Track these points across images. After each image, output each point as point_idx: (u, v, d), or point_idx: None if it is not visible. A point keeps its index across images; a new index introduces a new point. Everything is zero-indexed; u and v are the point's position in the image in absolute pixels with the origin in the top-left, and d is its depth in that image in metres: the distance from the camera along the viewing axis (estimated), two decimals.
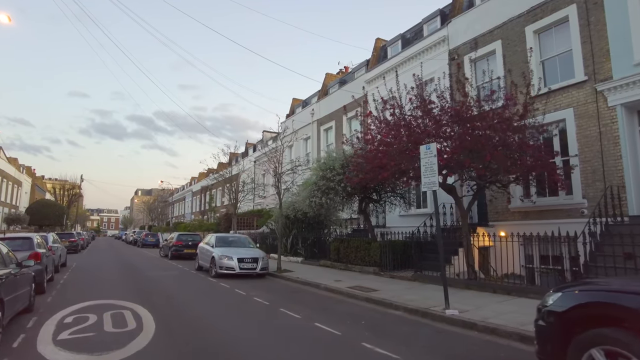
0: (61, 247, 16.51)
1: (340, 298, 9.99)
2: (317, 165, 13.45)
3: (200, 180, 56.19)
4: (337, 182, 12.38)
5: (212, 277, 13.53)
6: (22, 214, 40.33)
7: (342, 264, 14.97)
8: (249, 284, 12.10)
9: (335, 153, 13.86)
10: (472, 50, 15.57)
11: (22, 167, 53.63)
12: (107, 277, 13.54)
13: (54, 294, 9.86)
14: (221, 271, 13.41)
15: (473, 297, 9.29)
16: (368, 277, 12.67)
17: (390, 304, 8.86)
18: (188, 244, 22.42)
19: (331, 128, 23.90)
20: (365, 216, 14.11)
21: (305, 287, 11.75)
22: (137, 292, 10.26)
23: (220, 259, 13.50)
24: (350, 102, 22.26)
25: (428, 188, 8.61)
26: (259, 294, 10.24)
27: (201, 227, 36.91)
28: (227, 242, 15.26)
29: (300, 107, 29.69)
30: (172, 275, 14.37)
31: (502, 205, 13.74)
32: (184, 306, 8.53)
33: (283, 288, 11.60)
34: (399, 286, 10.96)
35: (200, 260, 15.87)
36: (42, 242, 11.66)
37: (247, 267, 13.48)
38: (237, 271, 13.32)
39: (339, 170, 12.58)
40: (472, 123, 9.51)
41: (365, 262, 13.87)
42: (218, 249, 14.28)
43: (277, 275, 14.11)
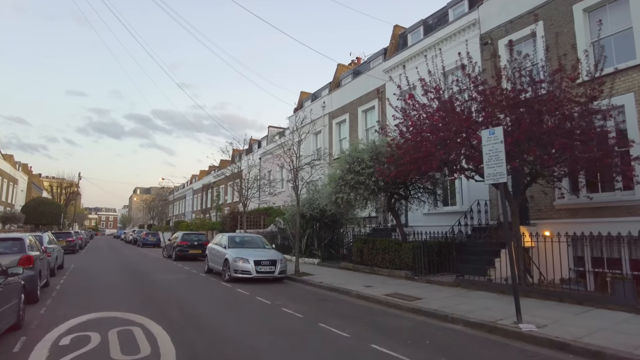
0: (58, 247, 15.13)
1: (381, 309, 8.66)
2: (343, 158, 12.09)
3: (202, 178, 54.78)
4: (367, 176, 11.04)
5: (226, 282, 12.18)
6: (18, 213, 38.82)
7: (366, 266, 13.64)
8: (270, 290, 10.77)
9: (362, 144, 12.49)
10: (507, 33, 14.25)
11: (18, 165, 52.04)
12: (108, 282, 12.17)
13: (49, 304, 8.49)
14: (236, 275, 12.06)
15: (539, 307, 7.96)
16: (401, 283, 11.34)
17: (445, 316, 7.54)
18: (194, 244, 21.05)
19: (344, 121, 22.54)
20: (394, 214, 12.78)
21: (333, 294, 10.41)
22: (144, 301, 8.90)
23: (235, 262, 12.15)
24: (366, 93, 20.96)
25: (493, 180, 7.30)
26: (286, 303, 8.89)
27: (204, 226, 35.52)
28: (240, 243, 13.91)
29: (309, 101, 28.32)
30: (181, 280, 13.01)
31: (545, 202, 12.45)
32: (204, 321, 7.17)
33: (309, 295, 10.26)
34: (442, 293, 9.64)
35: (210, 262, 14.52)
36: (36, 244, 10.28)
37: (265, 270, 12.13)
38: (253, 275, 11.98)
39: (369, 162, 11.23)
40: (538, 107, 8.17)
41: (395, 265, 12.54)
42: (231, 250, 12.93)
43: (296, 279, 12.78)
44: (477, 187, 14.32)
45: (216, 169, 51.76)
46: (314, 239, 17.42)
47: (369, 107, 20.65)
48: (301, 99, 30.29)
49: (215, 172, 49.19)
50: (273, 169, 27.92)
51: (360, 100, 21.35)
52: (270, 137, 35.16)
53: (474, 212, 13.78)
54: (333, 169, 21.24)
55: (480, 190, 14.25)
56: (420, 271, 11.80)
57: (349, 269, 14.33)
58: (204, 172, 58.19)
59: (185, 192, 60.75)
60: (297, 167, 14.05)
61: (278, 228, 24.40)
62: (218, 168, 51.10)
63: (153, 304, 8.62)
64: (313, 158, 15.63)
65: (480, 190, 14.25)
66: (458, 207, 15.21)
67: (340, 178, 11.42)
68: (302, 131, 14.37)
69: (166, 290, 10.68)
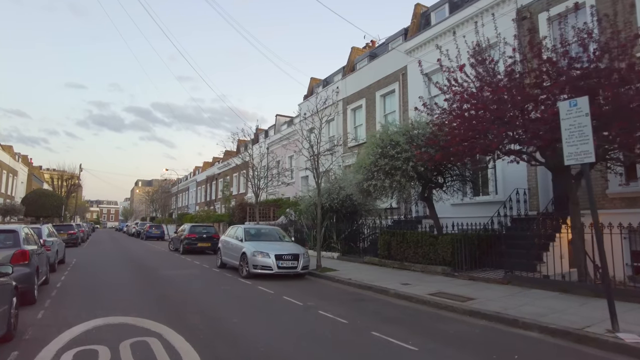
0: (58, 241, 13.99)
1: (430, 310, 7.50)
2: (373, 142, 10.86)
3: (205, 170, 53.61)
4: (403, 161, 9.83)
5: (244, 278, 11.03)
6: (18, 205, 37.72)
7: (394, 261, 12.48)
8: (296, 288, 9.62)
9: (395, 126, 11.23)
10: (549, 6, 12.94)
11: (18, 156, 50.83)
12: (114, 279, 11.04)
13: (48, 305, 7.35)
14: (255, 271, 10.92)
15: (626, 310, 6.77)
16: (440, 280, 10.19)
17: (514, 320, 6.39)
18: (202, 237, 19.91)
19: (360, 107, 21.27)
20: (430, 204, 11.58)
21: (368, 293, 9.26)
22: (158, 303, 7.76)
23: (254, 256, 10.99)
24: (385, 76, 19.68)
25: (575, 160, 6.09)
26: (319, 304, 7.74)
27: (209, 218, 34.38)
28: (257, 235, 12.74)
29: (320, 87, 27.02)
30: (194, 276, 11.87)
31: (595, 190, 11.24)
32: (233, 328, 6.01)
33: (341, 294, 9.11)
34: (494, 292, 8.48)
35: (224, 256, 13.37)
36: (33, 237, 9.12)
37: (287, 266, 10.98)
38: (274, 271, 10.83)
39: (404, 146, 10.02)
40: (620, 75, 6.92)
41: (429, 260, 11.38)
42: (249, 243, 11.77)
43: (319, 275, 11.64)
44: (514, 175, 13.12)
45: (220, 160, 50.56)
46: (332, 231, 16.25)
47: (389, 91, 19.38)
48: (311, 86, 29.01)
49: (219, 164, 48.03)
50: (283, 158, 26.72)
51: (378, 84, 20.07)
52: (278, 126, 33.88)
53: (512, 201, 12.59)
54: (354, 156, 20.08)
55: (518, 178, 13.06)
56: (460, 267, 10.65)
57: (375, 264, 13.17)
58: (208, 164, 57.02)
59: (189, 184, 59.62)
60: (318, 154, 12.86)
61: (289, 220, 23.26)
62: (222, 159, 49.91)
63: (168, 306, 7.47)
64: (334, 143, 14.38)
65: (518, 178, 13.06)
66: (491, 197, 14.01)
67: (372, 164, 10.19)
68: (324, 113, 13.15)
69: (180, 288, 9.53)
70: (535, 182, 12.99)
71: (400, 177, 9.81)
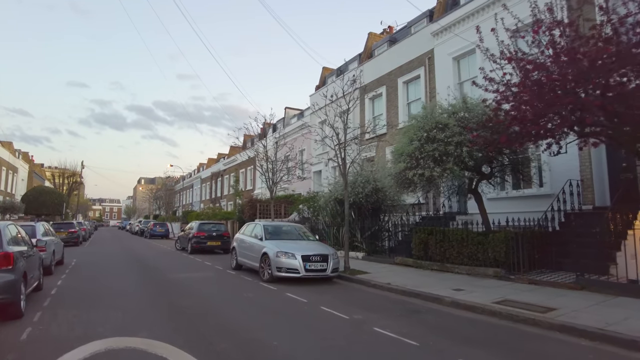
0: (56, 240, 12.62)
1: (507, 325, 6.08)
2: (414, 125, 9.41)
3: (210, 167, 52.26)
4: (455, 145, 8.40)
5: (267, 282, 9.64)
6: (17, 202, 36.44)
7: (433, 262, 11.08)
8: (330, 295, 8.23)
9: (440, 107, 9.74)
10: None
11: (18, 153, 49.59)
12: (118, 283, 9.66)
13: (37, 320, 5.97)
14: (279, 274, 9.52)
15: None
16: (495, 284, 8.77)
17: (633, 342, 4.97)
18: (212, 235, 18.52)
19: (380, 96, 19.83)
20: (478, 198, 10.14)
21: (417, 302, 7.84)
22: (172, 317, 6.36)
23: (278, 257, 9.59)
24: (408, 61, 18.21)
25: None
26: (370, 317, 6.34)
27: (216, 215, 32.94)
28: (277, 233, 11.34)
29: (333, 76, 25.56)
30: (208, 280, 10.49)
31: None
32: (276, 356, 4.61)
33: (386, 303, 7.71)
34: (574, 300, 7.05)
35: (240, 256, 11.97)
36: (22, 236, 7.73)
37: (316, 268, 9.58)
38: (302, 274, 9.43)
39: (455, 129, 8.58)
40: None
41: (477, 261, 9.96)
42: (270, 242, 10.37)
43: (350, 278, 10.23)
44: (563, 165, 11.67)
45: (226, 157, 49.24)
46: (355, 229, 14.83)
47: (413, 77, 17.92)
48: (323, 76, 27.58)
49: (225, 160, 46.69)
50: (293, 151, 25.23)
51: (400, 70, 18.62)
52: (288, 119, 32.46)
53: (565, 194, 11.15)
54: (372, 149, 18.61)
55: (568, 168, 11.62)
56: (516, 269, 9.23)
57: (409, 266, 11.76)
58: (213, 160, 55.72)
59: (193, 181, 58.29)
60: (345, 142, 11.46)
61: (302, 217, 21.91)
62: (228, 155, 48.59)
63: (185, 321, 6.06)
64: (364, 130, 12.94)
65: (568, 168, 11.62)
66: (534, 189, 12.58)
67: (416, 150, 8.75)
68: (351, 98, 11.74)
69: (195, 296, 8.14)
70: (589, 172, 11.54)
71: (453, 165, 8.37)
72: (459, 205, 14.82)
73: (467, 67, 15.72)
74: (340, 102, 12.66)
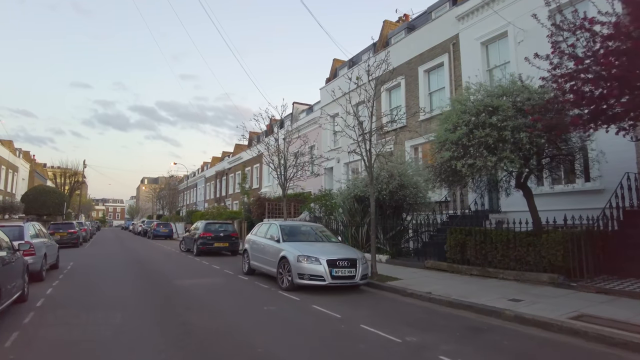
0: (49, 242, 11.41)
1: (605, 351, 4.81)
2: (459, 108, 8.11)
3: (215, 165, 51.07)
4: (512, 130, 7.09)
5: (287, 291, 8.38)
6: (16, 202, 35.35)
7: (472, 266, 9.80)
8: (366, 308, 6.98)
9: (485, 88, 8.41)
10: None
11: (19, 152, 48.53)
12: (117, 292, 8.43)
13: (11, 345, 4.73)
14: (300, 281, 8.25)
15: None
16: (556, 293, 7.48)
17: None
18: (219, 236, 17.29)
19: (398, 86, 18.53)
20: (527, 193, 8.83)
21: (469, 315, 6.57)
22: (181, 340, 5.10)
23: (299, 262, 8.32)
24: (430, 48, 16.92)
25: None
26: (427, 340, 5.07)
27: (221, 215, 31.72)
28: (294, 234, 10.07)
29: (345, 68, 24.30)
30: (219, 287, 9.25)
31: None
32: None
33: (435, 318, 6.43)
34: None
35: (253, 260, 10.72)
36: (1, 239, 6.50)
37: (343, 275, 8.30)
38: (327, 282, 8.16)
39: (509, 111, 7.28)
40: None
41: (528, 265, 8.68)
42: (289, 245, 9.12)
43: (381, 286, 8.96)
44: (615, 157, 10.35)
45: (230, 155, 48.05)
46: (377, 228, 13.52)
47: (435, 64, 16.65)
48: (334, 68, 26.32)
49: (229, 158, 45.49)
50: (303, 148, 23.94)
51: (421, 58, 17.34)
52: (296, 114, 31.20)
53: (623, 189, 9.84)
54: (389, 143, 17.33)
55: (622, 160, 10.30)
56: (577, 274, 7.94)
57: (443, 270, 10.48)
58: (217, 159, 54.55)
59: (197, 180, 57.13)
60: (370, 131, 10.22)
61: (314, 216, 20.70)
62: (233, 154, 47.38)
63: (199, 347, 4.80)
64: (392, 119, 11.64)
65: (622, 160, 10.30)
66: (579, 184, 11.26)
67: (464, 136, 7.45)
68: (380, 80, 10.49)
69: (207, 309, 6.88)
70: None
71: (510, 153, 7.07)
72: (491, 202, 13.53)
73: (497, 53, 14.43)
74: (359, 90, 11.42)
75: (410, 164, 14.34)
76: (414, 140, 16.83)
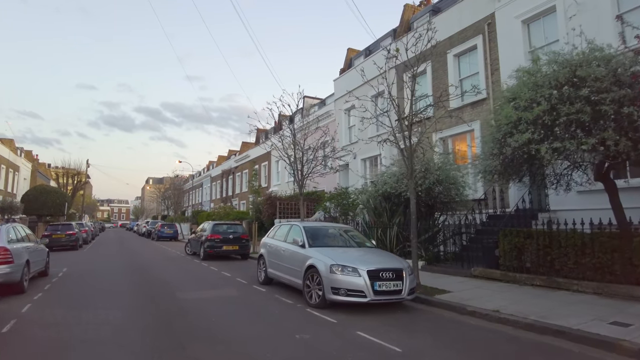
0: (33, 247, 9.88)
1: None
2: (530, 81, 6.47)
3: (221, 164, 49.60)
4: (615, 104, 5.44)
5: (318, 309, 6.78)
6: (15, 202, 34.02)
7: (534, 275, 8.18)
8: (427, 336, 5.36)
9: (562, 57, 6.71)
10: None
11: (20, 151, 47.26)
12: (110, 309, 6.88)
13: None
14: (335, 297, 6.65)
15: None
16: None
17: None
18: (228, 238, 15.73)
19: (423, 73, 16.86)
20: (610, 186, 7.18)
21: (568, 346, 4.94)
22: None
23: (333, 274, 6.72)
24: (461, 30, 15.28)
25: None
26: None
27: (228, 215, 30.18)
28: (321, 237, 8.48)
29: (361, 57, 22.68)
30: (233, 303, 7.67)
31: None
32: None
33: (526, 351, 4.81)
34: None
35: (271, 267, 9.14)
36: None
37: (388, 289, 6.68)
38: (369, 298, 6.54)
39: (607, 82, 5.64)
40: None
41: (612, 276, 7.04)
42: (317, 251, 7.52)
43: (430, 301, 7.36)
44: None
45: (237, 153, 46.53)
46: (409, 230, 11.89)
47: (466, 48, 15.02)
48: (349, 58, 24.71)
49: (236, 156, 43.98)
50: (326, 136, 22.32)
51: (450, 42, 15.68)
52: (307, 108, 29.59)
53: None
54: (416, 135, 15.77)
55: None
56: None
57: (495, 279, 8.86)
58: (223, 158, 53.08)
59: (202, 179, 55.71)
60: (411, 113, 8.66)
61: (329, 216, 19.11)
62: (239, 152, 45.86)
63: None
64: (439, 99, 9.98)
65: None
66: None
67: (545, 113, 5.80)
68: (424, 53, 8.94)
69: (222, 339, 5.28)
70: None
71: (612, 132, 5.44)
72: (538, 200, 11.88)
73: (541, 31, 12.76)
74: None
75: (448, 157, 12.72)
76: (443, 132, 15.21)
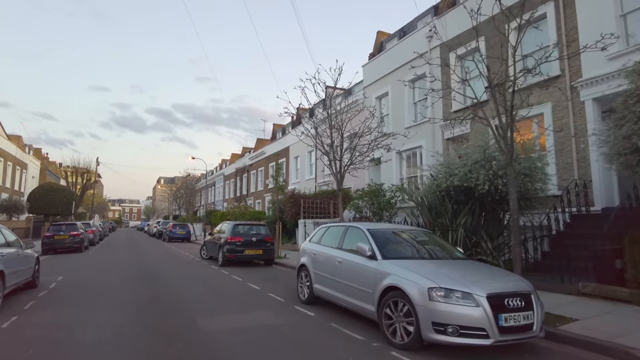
0: (15, 254, 7.80)
1: None
2: None
3: (234, 162, 47.60)
4: None
5: (407, 352, 4.56)
6: (20, 200, 32.35)
7: None
8: None
9: None
10: None
11: (29, 148, 45.75)
12: (97, 349, 4.74)
13: None
14: (442, 338, 4.40)
15: None
16: None
17: None
18: (251, 241, 13.58)
19: (474, 52, 14.52)
20: None
21: None
22: None
23: (433, 301, 4.50)
24: None
25: None
26: None
27: (244, 215, 28.07)
28: (394, 245, 6.25)
29: (395, 39, 20.42)
30: (277, 336, 5.47)
31: None
32: None
33: None
34: None
35: (318, 283, 6.93)
36: None
37: (518, 323, 4.44)
38: (494, 339, 4.29)
39: None
40: None
41: None
42: (397, 265, 5.30)
43: (556, 335, 5.10)
44: None
45: (251, 150, 44.50)
46: (478, 232, 9.59)
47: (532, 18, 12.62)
48: (378, 42, 22.46)
49: (250, 154, 41.96)
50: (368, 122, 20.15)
51: (509, 12, 13.32)
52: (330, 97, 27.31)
53: None
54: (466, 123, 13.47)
55: None
56: None
57: (619, 300, 6.56)
58: (237, 156, 51.09)
59: (215, 178, 53.81)
60: (515, 76, 6.47)
61: (360, 216, 16.91)
62: (254, 149, 43.82)
63: None
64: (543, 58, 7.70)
65: None
66: None
67: None
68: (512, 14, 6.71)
69: None
70: None
71: None
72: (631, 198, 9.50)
73: None
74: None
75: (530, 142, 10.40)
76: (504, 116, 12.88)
